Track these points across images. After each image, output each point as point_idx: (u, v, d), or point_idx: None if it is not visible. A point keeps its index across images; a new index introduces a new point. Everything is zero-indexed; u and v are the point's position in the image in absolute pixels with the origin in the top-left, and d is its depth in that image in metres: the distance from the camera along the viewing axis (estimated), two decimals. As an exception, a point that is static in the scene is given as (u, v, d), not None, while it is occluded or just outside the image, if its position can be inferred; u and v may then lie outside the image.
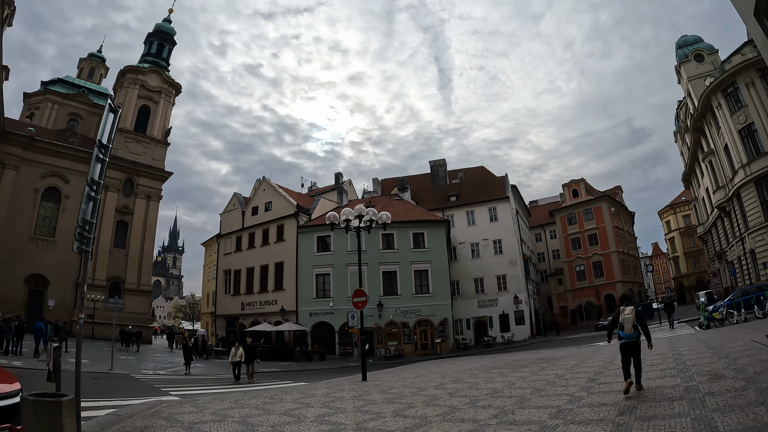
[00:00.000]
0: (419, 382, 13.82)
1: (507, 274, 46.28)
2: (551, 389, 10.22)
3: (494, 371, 15.15)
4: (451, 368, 18.15)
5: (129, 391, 14.24)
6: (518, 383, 11.69)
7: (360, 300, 16.22)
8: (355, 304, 16.46)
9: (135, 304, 46.74)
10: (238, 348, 19.78)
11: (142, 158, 51.14)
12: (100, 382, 16.24)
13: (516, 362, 17.77)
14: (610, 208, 60.68)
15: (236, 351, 19.52)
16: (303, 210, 42.36)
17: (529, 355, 20.98)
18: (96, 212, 7.87)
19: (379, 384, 13.81)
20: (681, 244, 78.34)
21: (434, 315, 38.25)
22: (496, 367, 16.40)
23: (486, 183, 52.46)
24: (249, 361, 19.51)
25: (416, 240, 40.15)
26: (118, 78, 54.75)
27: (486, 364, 18.19)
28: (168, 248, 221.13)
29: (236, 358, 19.32)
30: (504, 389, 10.86)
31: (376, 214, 15.75)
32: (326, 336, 38.12)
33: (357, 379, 15.95)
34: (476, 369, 16.64)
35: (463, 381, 13.15)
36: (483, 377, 13.69)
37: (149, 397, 12.86)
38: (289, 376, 22.85)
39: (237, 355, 19.35)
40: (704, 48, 44.34)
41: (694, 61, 44.23)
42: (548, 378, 12.12)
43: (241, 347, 19.82)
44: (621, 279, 57.84)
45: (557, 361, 16.35)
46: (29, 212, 43.18)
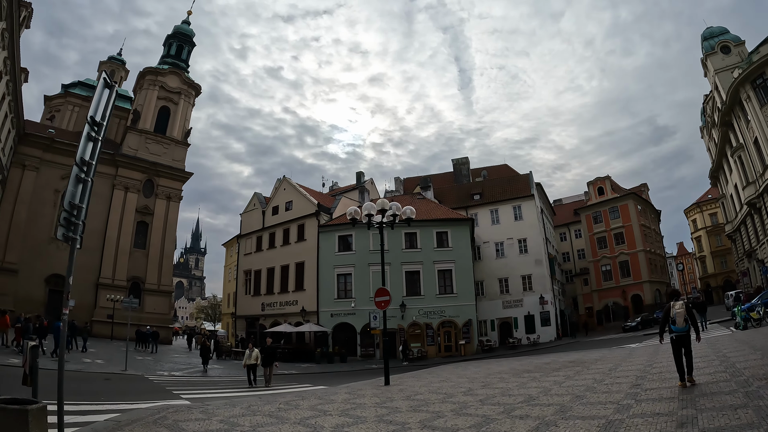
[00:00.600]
0: (446, 387, 12.85)
1: (532, 274, 45.01)
2: (593, 396, 9.21)
3: (525, 375, 14.17)
4: (479, 372, 17.15)
5: (138, 394, 13.59)
6: (554, 389, 10.69)
7: (383, 299, 15.26)
8: (378, 303, 15.46)
9: (155, 305, 46.82)
10: (252, 350, 17.86)
11: (162, 159, 51.23)
12: (111, 384, 15.67)
13: (547, 365, 16.75)
14: (636, 206, 59.13)
15: (251, 353, 17.63)
16: (324, 209, 41.59)
17: (559, 358, 19.90)
18: (86, 196, 7.05)
19: (403, 389, 12.86)
20: (708, 243, 76.13)
21: (458, 316, 37.12)
22: (527, 371, 15.40)
23: (510, 181, 51.21)
24: (267, 364, 17.64)
25: (440, 239, 39.05)
26: (137, 80, 54.97)
27: (515, 368, 17.18)
28: (190, 250, 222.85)
29: (251, 360, 17.48)
30: (540, 396, 9.87)
31: (399, 209, 14.74)
32: (347, 337, 37.21)
33: (379, 383, 15.01)
34: (505, 373, 15.65)
35: (493, 386, 12.19)
36: (514, 382, 12.71)
37: (158, 400, 12.16)
38: (309, 378, 22.07)
39: (252, 357, 17.51)
40: (730, 39, 43.17)
41: (721, 53, 43.20)
42: (586, 383, 11.10)
43: (256, 349, 17.99)
44: (648, 279, 56.21)
45: (591, 365, 15.31)
46: (49, 213, 43.35)
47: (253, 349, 17.87)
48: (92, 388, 14.14)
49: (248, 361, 17.59)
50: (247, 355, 17.89)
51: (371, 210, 14.51)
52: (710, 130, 52.97)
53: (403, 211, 14.85)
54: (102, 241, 45.46)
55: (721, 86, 41.17)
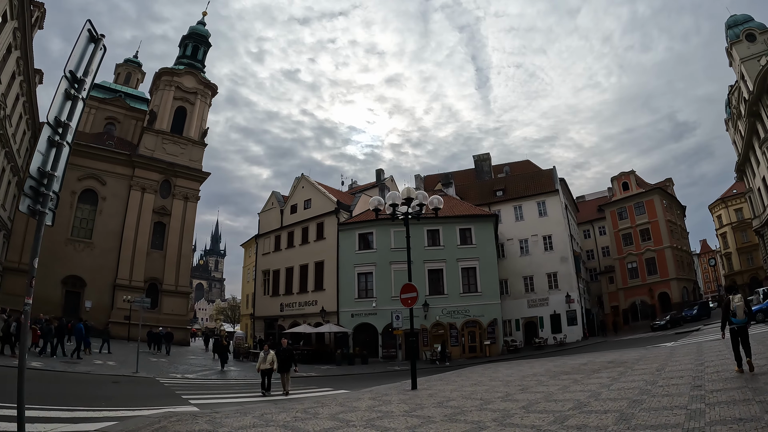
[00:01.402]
0: (480, 391, 11.65)
1: (558, 272, 43.51)
2: (652, 400, 7.99)
3: (564, 377, 12.92)
4: (511, 374, 15.90)
5: (145, 399, 12.66)
6: (604, 393, 9.46)
7: (409, 296, 13.99)
8: (404, 301, 14.15)
9: (173, 306, 46.45)
10: (267, 352, 15.80)
11: (179, 159, 50.91)
12: (118, 387, 14.76)
13: (584, 367, 15.45)
14: (662, 201, 57.08)
15: (266, 356, 15.61)
16: (343, 207, 40.56)
17: (595, 358, 18.50)
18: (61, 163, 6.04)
19: (432, 394, 11.66)
20: (733, 240, 73.30)
21: (483, 315, 35.79)
22: (564, 373, 14.17)
23: (533, 177, 49.73)
24: (284, 369, 15.51)
25: (463, 236, 37.78)
26: (153, 80, 54.79)
27: (550, 369, 15.89)
28: (210, 252, 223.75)
29: (266, 364, 15.44)
30: (590, 401, 8.65)
31: (426, 198, 13.62)
32: (369, 338, 36.07)
33: (405, 387, 13.82)
34: (541, 375, 14.40)
35: (532, 390, 10.97)
36: (554, 385, 11.49)
37: (165, 406, 11.14)
38: (329, 381, 20.96)
39: (267, 361, 15.47)
40: (756, 27, 42.16)
41: (746, 41, 42.31)
42: (637, 385, 9.89)
43: (272, 351, 15.88)
44: (676, 276, 54.02)
45: (634, 365, 14.02)
46: (66, 214, 43.36)
47: (269, 352, 15.86)
48: (97, 392, 13.25)
49: (263, 365, 15.59)
50: (261, 358, 15.89)
51: (396, 200, 13.31)
52: (736, 122, 51.68)
53: (430, 200, 13.61)
54: (119, 242, 45.27)
55: (747, 75, 40.28)
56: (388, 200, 13.49)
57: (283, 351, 16.03)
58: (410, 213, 13.36)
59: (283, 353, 15.86)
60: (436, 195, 13.93)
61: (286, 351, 16.16)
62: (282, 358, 15.65)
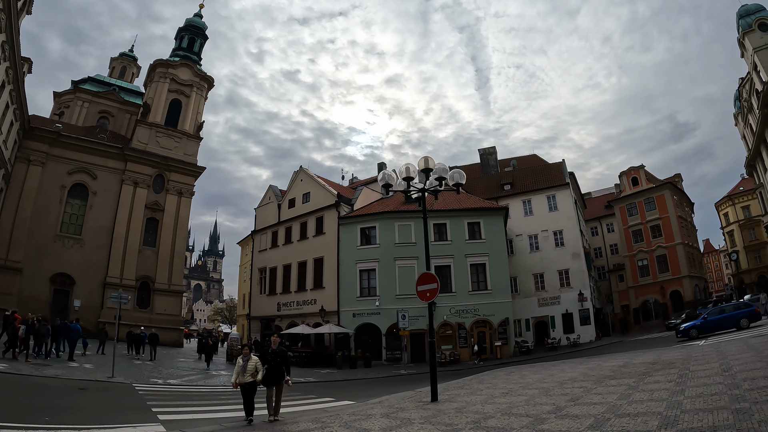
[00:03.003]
0: (519, 403, 9.57)
1: (570, 269, 41.45)
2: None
3: (612, 383, 10.93)
4: (543, 379, 13.82)
5: (104, 412, 10.78)
6: (686, 402, 7.47)
7: (428, 288, 11.77)
8: (421, 294, 11.96)
9: (165, 305, 44.55)
10: (248, 358, 10.87)
11: (173, 153, 49.13)
12: (82, 396, 12.77)
13: (625, 369, 13.43)
14: (672, 197, 55.29)
15: (245, 364, 10.71)
16: (344, 200, 38.39)
17: (631, 359, 16.41)
18: None
19: (460, 408, 9.57)
20: (741, 238, 71.32)
21: (493, 315, 33.70)
22: (608, 377, 12.17)
23: (542, 170, 47.64)
24: (273, 381, 10.69)
25: (472, 230, 35.65)
26: (148, 73, 53.18)
27: (587, 373, 13.81)
28: (208, 252, 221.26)
29: (245, 376, 10.57)
30: (678, 415, 6.65)
31: (446, 171, 11.52)
32: (371, 339, 33.97)
33: (422, 398, 11.68)
34: (580, 380, 12.37)
35: (585, 401, 8.92)
36: (608, 393, 9.48)
37: (124, 424, 9.19)
38: (329, 389, 18.80)
39: (246, 371, 10.60)
40: None
41: (759, 30, 40.97)
42: (719, 390, 8.09)
43: (254, 357, 11.09)
44: (688, 274, 52.11)
45: (687, 365, 12.13)
46: (55, 210, 41.77)
47: (250, 357, 10.94)
48: (52, 402, 11.26)
49: (241, 378, 10.63)
50: (238, 366, 10.84)
51: (411, 173, 11.14)
52: (746, 115, 50.20)
53: (451, 174, 11.44)
54: (110, 239, 43.39)
55: (761, 65, 39.08)
56: (402, 173, 11.26)
57: (273, 354, 10.95)
58: (427, 189, 11.18)
59: (272, 358, 10.89)
60: (457, 169, 11.59)
61: (277, 354, 10.96)
62: (271, 365, 10.82)
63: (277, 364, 10.89)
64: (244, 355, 11.05)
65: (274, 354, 11.04)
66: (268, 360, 10.94)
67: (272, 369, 10.83)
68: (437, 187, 11.33)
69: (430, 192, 11.33)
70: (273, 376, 10.79)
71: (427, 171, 10.94)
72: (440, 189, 11.48)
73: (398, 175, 11.42)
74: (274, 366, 10.85)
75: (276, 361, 10.92)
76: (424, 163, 11.00)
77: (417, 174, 11.18)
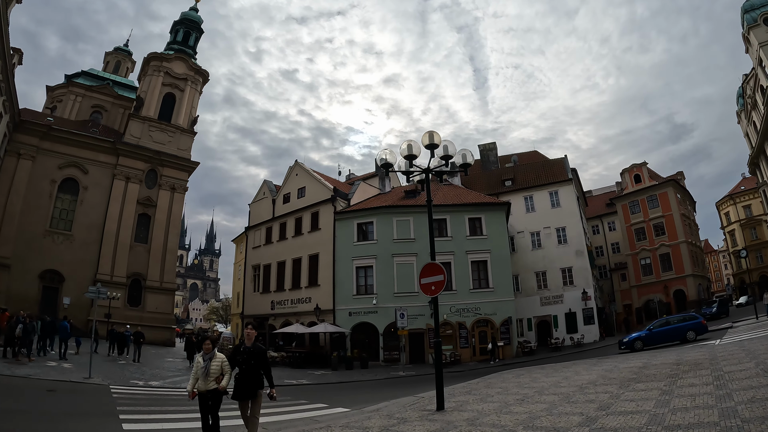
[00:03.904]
0: (538, 412, 8.34)
1: (573, 267, 40.30)
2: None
3: (639, 386, 9.82)
4: (559, 383, 12.60)
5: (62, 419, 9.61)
6: (742, 410, 6.32)
7: (433, 281, 10.28)
8: (425, 287, 10.40)
9: (157, 303, 43.64)
10: (210, 354, 7.81)
11: (167, 148, 48.18)
12: (46, 399, 11.62)
13: (645, 371, 12.30)
14: (676, 194, 54.37)
15: (207, 364, 7.69)
16: (341, 194, 37.05)
17: (650, 360, 15.24)
18: None
19: (472, 419, 8.35)
20: (742, 237, 70.62)
21: (495, 314, 32.44)
22: (631, 380, 11.04)
23: (544, 165, 46.49)
24: (245, 395, 7.57)
25: (473, 226, 34.36)
26: (142, 66, 52.24)
27: (606, 376, 12.57)
28: (205, 251, 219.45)
29: (207, 382, 7.61)
30: (743, 425, 5.51)
31: (455, 150, 10.04)
32: (368, 339, 32.69)
33: (426, 404, 10.41)
34: (601, 383, 11.17)
35: (617, 408, 7.70)
36: (640, 398, 8.38)
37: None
38: (323, 392, 17.56)
39: (210, 373, 7.64)
40: None
41: (764, 25, 40.17)
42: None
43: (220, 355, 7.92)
44: (692, 272, 51.25)
45: (715, 366, 11.03)
46: (45, 205, 40.89)
47: (214, 354, 7.84)
48: (12, 404, 10.11)
49: (201, 384, 7.60)
50: (198, 367, 7.71)
51: (414, 150, 9.77)
52: (750, 112, 49.30)
53: (460, 153, 10.09)
54: (101, 235, 42.46)
55: (767, 60, 38.48)
56: (403, 151, 9.90)
57: (245, 354, 7.67)
58: (432, 170, 9.91)
59: (244, 359, 7.64)
60: (466, 149, 10.21)
61: (251, 354, 7.67)
62: (244, 369, 7.61)
63: (251, 368, 7.51)
64: (205, 352, 7.72)
65: (248, 354, 7.57)
66: (239, 361, 7.58)
67: (245, 375, 7.50)
68: (443, 167, 10.00)
69: (434, 173, 10.03)
70: (246, 384, 7.45)
71: (433, 147, 9.58)
72: (446, 170, 10.16)
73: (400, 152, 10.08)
74: (248, 371, 7.51)
75: (250, 363, 7.52)
76: (428, 138, 9.53)
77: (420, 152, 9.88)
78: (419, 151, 9.73)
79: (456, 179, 42.79)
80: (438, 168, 9.96)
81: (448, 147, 9.58)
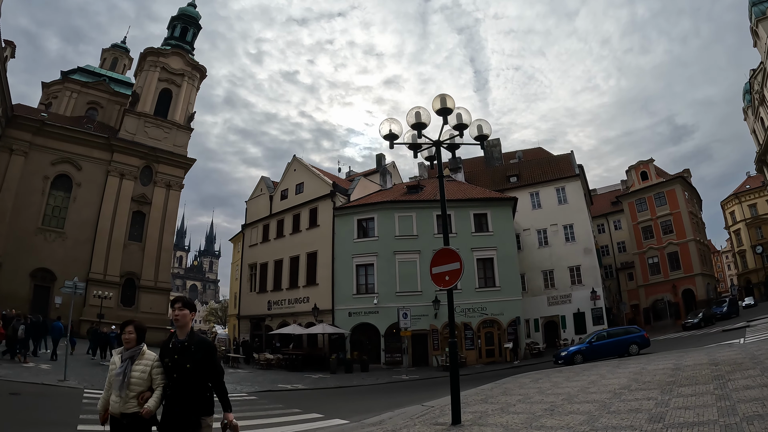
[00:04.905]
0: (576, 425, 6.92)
1: (581, 265, 38.87)
2: None
3: (684, 390, 8.36)
4: (585, 388, 11.15)
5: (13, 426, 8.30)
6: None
7: (448, 269, 8.61)
8: (438, 277, 8.76)
9: (151, 303, 42.53)
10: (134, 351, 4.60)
11: (162, 144, 47.31)
12: (5, 403, 10.30)
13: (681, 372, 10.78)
14: (684, 192, 52.98)
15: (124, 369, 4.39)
16: (340, 190, 35.62)
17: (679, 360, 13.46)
18: None
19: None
20: (747, 237, 69.35)
21: (502, 314, 31.00)
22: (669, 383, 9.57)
23: (550, 161, 45.11)
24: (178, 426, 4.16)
25: (478, 222, 32.91)
26: (139, 61, 51.49)
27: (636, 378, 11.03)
28: (204, 252, 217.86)
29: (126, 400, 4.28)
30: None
31: (470, 119, 8.47)
32: (369, 341, 31.26)
33: (437, 416, 9.00)
34: (633, 388, 9.76)
35: (674, 419, 6.19)
36: (694, 405, 6.93)
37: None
38: (320, 399, 16.20)
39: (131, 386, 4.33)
40: None
41: None
42: None
43: (149, 354, 4.63)
44: (701, 272, 49.77)
45: (755, 368, 9.60)
46: (37, 201, 40.06)
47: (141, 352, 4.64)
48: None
49: (115, 403, 4.30)
50: (113, 376, 4.43)
51: (422, 118, 8.26)
52: (757, 108, 48.07)
53: (475, 123, 8.64)
54: (94, 233, 41.58)
55: None
56: (411, 119, 8.39)
57: (179, 353, 4.36)
58: (443, 142, 8.46)
59: (177, 361, 4.34)
60: (482, 119, 8.67)
61: (188, 353, 4.35)
62: (177, 380, 4.29)
63: (186, 377, 4.28)
64: (126, 348, 4.64)
65: (182, 353, 4.36)
66: (167, 366, 4.40)
67: (177, 390, 4.28)
68: (456, 137, 8.54)
69: (445, 146, 8.62)
70: (178, 408, 4.22)
71: (445, 113, 8.10)
72: (460, 142, 8.74)
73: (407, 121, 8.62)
74: (182, 382, 4.28)
75: (184, 369, 4.29)
76: (440, 103, 8.05)
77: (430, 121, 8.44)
78: (429, 119, 8.29)
79: (459, 175, 41.59)
80: (451, 140, 8.48)
81: (462, 115, 8.11)
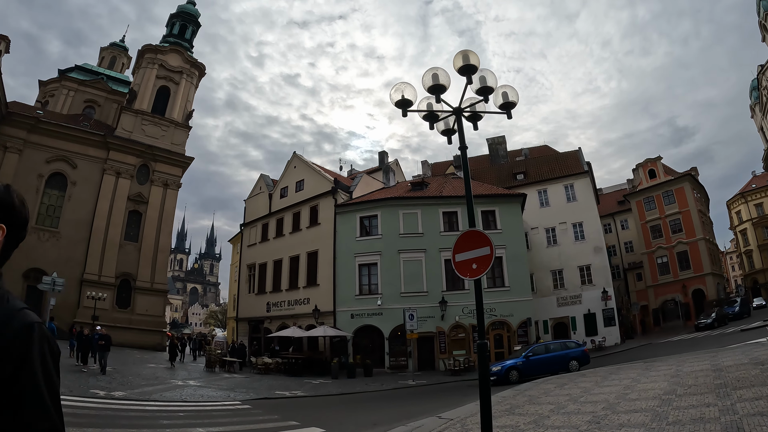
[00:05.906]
0: None
1: (591, 264, 37.69)
2: None
3: (744, 394, 7.23)
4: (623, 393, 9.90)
5: None
6: None
7: (476, 255, 6.47)
8: (464, 265, 6.57)
9: (147, 305, 41.40)
10: None
11: (160, 142, 46.26)
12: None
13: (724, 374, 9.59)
14: (692, 190, 51.75)
15: None
16: (342, 186, 34.29)
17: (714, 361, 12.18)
18: None
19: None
20: (754, 236, 67.87)
21: (512, 315, 29.73)
22: (720, 385, 8.44)
23: (557, 158, 43.88)
24: None
25: (486, 220, 31.61)
26: (137, 59, 50.63)
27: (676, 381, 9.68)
28: (205, 255, 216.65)
29: None
30: None
31: (495, 83, 6.89)
32: (372, 344, 29.99)
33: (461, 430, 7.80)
34: (680, 393, 8.53)
35: None
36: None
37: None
38: (320, 408, 15.00)
39: None
40: None
41: None
42: None
43: None
44: (711, 271, 48.58)
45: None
46: (31, 200, 38.67)
47: None
48: None
49: None
50: None
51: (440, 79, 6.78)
52: (765, 105, 46.86)
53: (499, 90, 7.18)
54: (89, 232, 40.55)
55: None
56: (428, 80, 6.85)
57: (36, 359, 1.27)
58: (463, 109, 7.04)
59: None
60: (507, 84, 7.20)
61: None
62: None
63: None
64: None
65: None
66: None
67: None
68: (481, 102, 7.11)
69: (466, 115, 7.24)
70: None
71: (470, 71, 6.67)
72: (484, 110, 7.34)
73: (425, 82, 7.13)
74: None
75: None
76: (462, 60, 6.66)
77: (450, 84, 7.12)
78: (449, 81, 6.97)
79: (464, 173, 40.29)
80: (472, 107, 7.12)
81: (486, 77, 6.78)
